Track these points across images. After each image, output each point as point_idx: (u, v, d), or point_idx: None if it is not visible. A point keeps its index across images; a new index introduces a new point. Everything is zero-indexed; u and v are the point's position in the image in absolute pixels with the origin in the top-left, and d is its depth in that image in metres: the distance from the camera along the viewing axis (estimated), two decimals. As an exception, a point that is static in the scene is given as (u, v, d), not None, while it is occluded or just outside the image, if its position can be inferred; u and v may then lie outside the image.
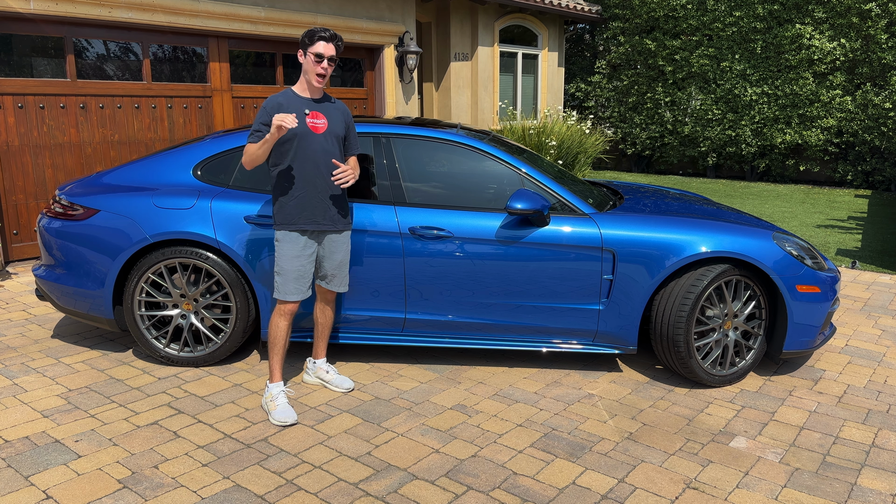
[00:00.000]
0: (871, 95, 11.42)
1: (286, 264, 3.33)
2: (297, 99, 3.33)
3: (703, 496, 2.76)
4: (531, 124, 10.54)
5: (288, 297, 3.35)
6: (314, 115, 3.33)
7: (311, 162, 3.30)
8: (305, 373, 3.77)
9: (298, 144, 3.28)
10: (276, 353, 3.42)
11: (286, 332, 3.41)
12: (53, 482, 2.79)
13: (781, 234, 3.89)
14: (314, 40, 3.26)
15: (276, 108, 3.26)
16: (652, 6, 13.46)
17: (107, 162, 6.86)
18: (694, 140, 13.58)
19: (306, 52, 3.29)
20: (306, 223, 3.33)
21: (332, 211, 3.40)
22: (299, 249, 3.34)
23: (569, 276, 3.73)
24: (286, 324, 3.39)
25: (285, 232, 3.33)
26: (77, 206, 3.93)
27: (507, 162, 3.92)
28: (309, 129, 3.29)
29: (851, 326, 4.87)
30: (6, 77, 6.14)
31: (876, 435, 3.29)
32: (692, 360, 3.68)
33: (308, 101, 3.35)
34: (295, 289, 3.35)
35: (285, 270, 3.34)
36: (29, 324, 4.73)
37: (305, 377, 3.77)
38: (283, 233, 3.34)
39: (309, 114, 3.31)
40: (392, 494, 2.74)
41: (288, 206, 3.31)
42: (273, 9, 7.88)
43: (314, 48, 3.26)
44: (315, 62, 3.27)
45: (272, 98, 3.30)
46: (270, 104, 3.27)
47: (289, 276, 3.34)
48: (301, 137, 3.28)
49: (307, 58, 3.29)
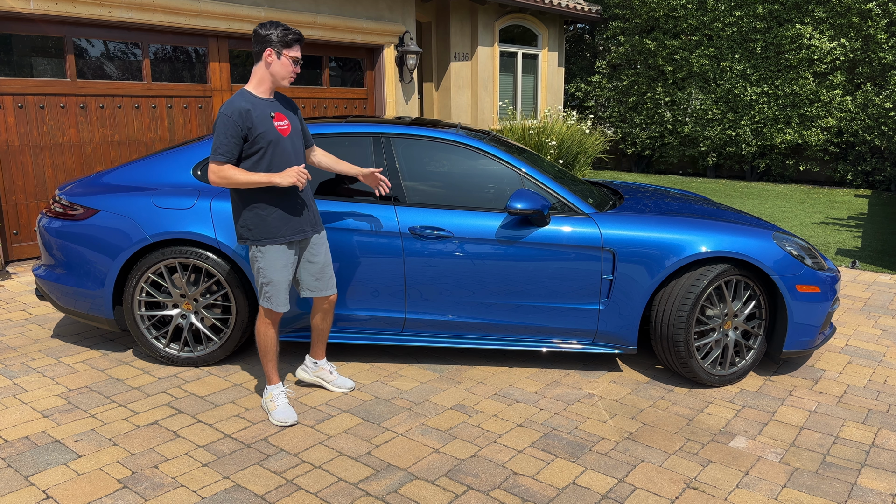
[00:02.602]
0: (871, 95, 11.42)
1: (275, 275, 3.19)
2: (259, 102, 3.08)
3: (703, 496, 2.76)
4: (531, 124, 10.54)
5: (280, 307, 3.24)
6: (279, 118, 3.13)
7: (286, 167, 3.12)
8: (304, 371, 3.70)
9: (273, 152, 3.08)
10: (269, 360, 3.36)
11: (276, 338, 3.34)
12: (53, 482, 2.79)
13: (781, 233, 3.89)
14: (290, 44, 3.07)
15: (244, 115, 2.99)
16: (652, 6, 13.46)
17: (107, 162, 6.86)
18: (694, 140, 13.58)
19: (280, 53, 3.06)
20: (293, 234, 3.19)
21: (311, 215, 3.29)
22: (286, 258, 3.21)
23: (569, 276, 3.73)
24: (275, 331, 3.32)
25: (268, 246, 3.15)
26: (77, 206, 3.93)
27: (507, 162, 3.92)
28: (279, 134, 3.10)
29: (851, 326, 4.87)
30: (6, 77, 6.14)
31: (876, 435, 3.29)
32: (692, 359, 3.68)
33: (269, 103, 3.13)
34: (285, 299, 3.25)
35: (276, 281, 3.20)
36: (29, 324, 4.73)
37: (302, 374, 3.69)
38: (265, 248, 3.16)
39: (274, 116, 3.11)
40: (392, 494, 2.74)
41: (269, 219, 3.12)
42: (273, 9, 7.88)
43: (292, 52, 3.08)
44: (292, 65, 3.10)
45: (234, 104, 3.00)
46: (236, 112, 2.98)
47: (280, 287, 3.21)
48: (274, 144, 3.07)
49: (281, 60, 3.07)
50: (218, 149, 2.98)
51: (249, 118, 3.00)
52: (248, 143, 3.04)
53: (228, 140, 2.98)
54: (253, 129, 3.02)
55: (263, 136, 3.04)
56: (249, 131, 3.01)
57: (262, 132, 3.04)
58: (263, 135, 3.04)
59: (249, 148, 3.04)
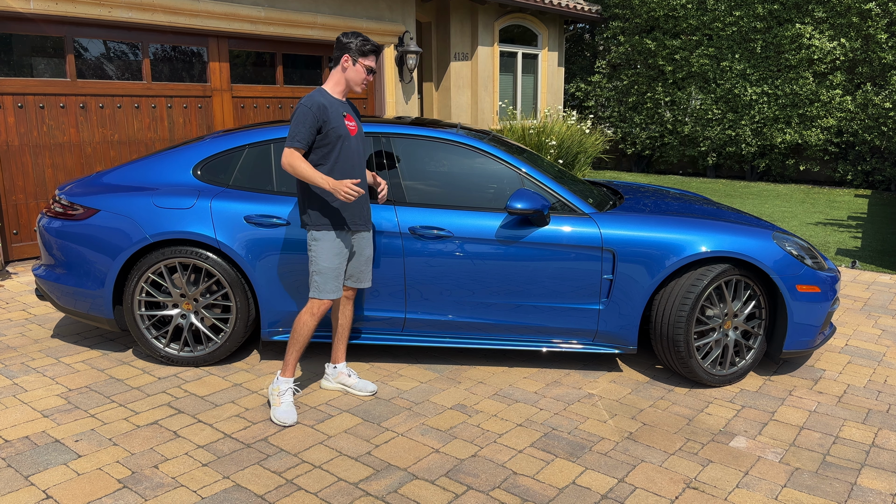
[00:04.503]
0: (871, 95, 11.42)
1: (327, 263, 3.34)
2: (334, 101, 3.33)
3: (703, 496, 2.76)
4: (531, 124, 10.54)
5: (328, 295, 3.36)
6: (349, 118, 3.38)
7: (350, 164, 3.34)
8: (325, 379, 3.72)
9: (342, 146, 3.31)
10: (296, 349, 3.41)
11: (312, 330, 3.41)
12: (53, 482, 2.79)
13: (781, 233, 3.89)
14: (367, 54, 3.30)
15: (322, 109, 3.24)
16: (652, 6, 13.45)
17: (107, 162, 6.86)
18: (694, 140, 13.58)
19: (356, 60, 3.30)
20: (348, 225, 3.37)
21: (366, 211, 3.47)
22: (339, 248, 3.37)
23: (569, 276, 3.73)
24: (315, 323, 3.40)
25: (325, 232, 3.34)
26: (77, 206, 3.93)
27: (507, 162, 3.92)
28: (349, 132, 3.34)
29: (851, 326, 4.87)
30: (6, 77, 6.14)
31: (876, 435, 3.29)
32: (692, 359, 3.68)
33: (342, 104, 3.38)
34: (335, 287, 3.37)
35: (325, 269, 3.34)
36: (29, 324, 4.73)
37: (325, 383, 3.72)
38: (322, 233, 3.34)
39: (346, 115, 3.36)
40: (392, 494, 2.74)
41: (331, 207, 3.33)
42: (273, 8, 7.88)
43: (367, 61, 3.31)
44: (365, 73, 3.33)
45: (314, 98, 3.25)
46: (315, 105, 3.23)
47: (329, 275, 3.34)
48: (343, 140, 3.31)
49: (356, 66, 3.31)
50: (295, 136, 3.22)
51: (326, 112, 3.25)
52: (322, 135, 3.27)
53: (305, 129, 3.21)
54: (328, 123, 3.25)
55: (335, 130, 3.27)
56: (325, 124, 3.25)
57: (335, 127, 3.27)
58: (336, 129, 3.27)
59: (322, 140, 3.27)
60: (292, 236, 3.77)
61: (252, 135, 4.06)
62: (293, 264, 3.78)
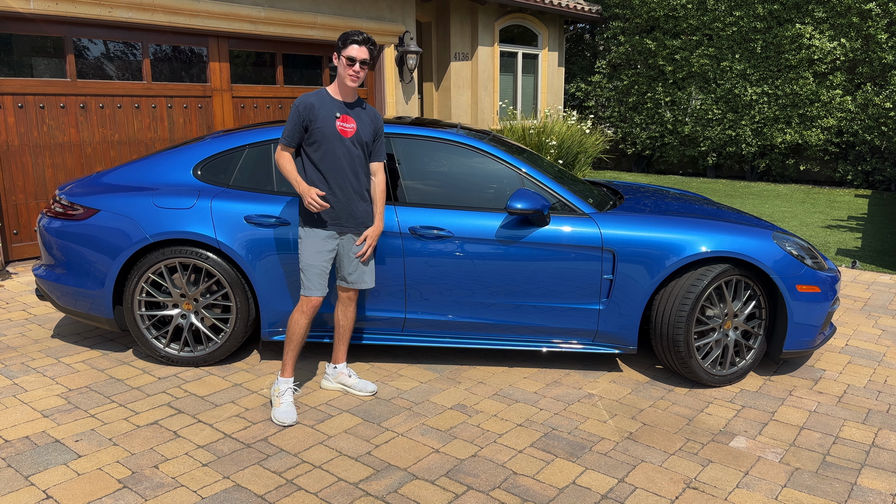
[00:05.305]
0: (871, 95, 11.42)
1: (309, 259, 3.38)
2: (330, 100, 3.35)
3: (703, 496, 2.76)
4: (531, 124, 10.54)
5: (313, 292, 3.39)
6: (344, 119, 3.36)
7: (336, 166, 3.34)
8: (325, 379, 3.72)
9: (325, 147, 3.32)
10: (291, 348, 3.43)
11: (305, 329, 3.43)
12: (53, 482, 2.79)
13: (781, 233, 3.89)
14: (347, 44, 3.29)
15: (308, 108, 3.28)
16: (652, 6, 13.46)
17: (107, 162, 6.86)
18: (694, 140, 13.58)
19: (340, 54, 3.32)
20: (331, 226, 3.39)
21: (357, 214, 3.43)
22: (321, 246, 3.38)
23: (569, 276, 3.73)
24: (307, 321, 3.42)
25: (309, 229, 3.39)
26: (77, 206, 3.93)
27: (507, 162, 3.92)
28: (338, 133, 3.33)
29: (851, 326, 4.87)
30: (6, 77, 6.14)
31: (876, 435, 3.29)
32: (692, 359, 3.68)
33: (340, 104, 3.37)
34: (319, 284, 3.39)
35: (308, 266, 3.38)
36: (29, 324, 4.73)
37: (325, 384, 3.71)
38: (306, 230, 3.40)
39: (339, 117, 3.35)
40: (392, 494, 2.74)
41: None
42: (273, 8, 7.88)
43: (347, 51, 3.29)
44: (347, 65, 3.30)
45: (304, 97, 3.32)
46: (302, 104, 3.29)
47: (312, 272, 3.38)
48: (329, 140, 3.31)
49: (340, 59, 3.32)
50: (284, 134, 3.34)
51: (313, 112, 3.30)
52: (308, 134, 3.32)
53: (290, 127, 3.31)
54: (314, 122, 3.30)
55: (320, 130, 3.30)
56: (311, 123, 3.30)
57: (320, 127, 3.30)
58: (320, 129, 3.30)
59: (309, 138, 3.33)
60: (292, 236, 3.77)
61: (252, 135, 4.07)
62: (293, 264, 3.78)
